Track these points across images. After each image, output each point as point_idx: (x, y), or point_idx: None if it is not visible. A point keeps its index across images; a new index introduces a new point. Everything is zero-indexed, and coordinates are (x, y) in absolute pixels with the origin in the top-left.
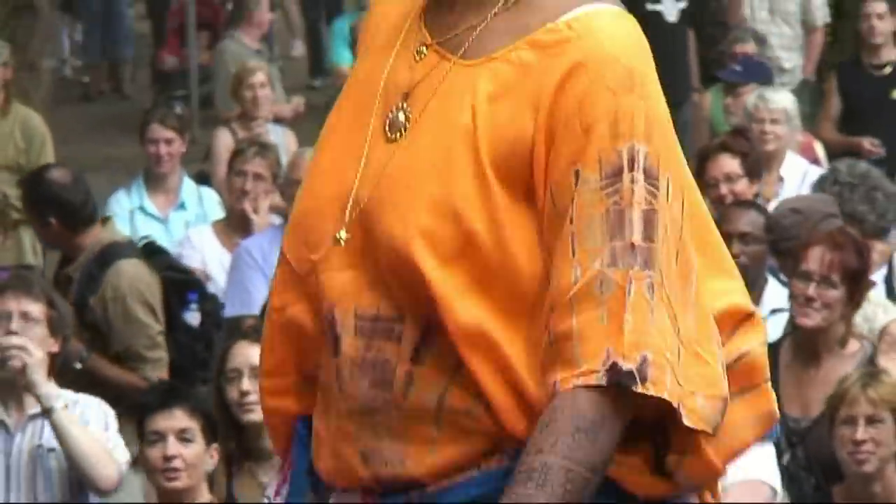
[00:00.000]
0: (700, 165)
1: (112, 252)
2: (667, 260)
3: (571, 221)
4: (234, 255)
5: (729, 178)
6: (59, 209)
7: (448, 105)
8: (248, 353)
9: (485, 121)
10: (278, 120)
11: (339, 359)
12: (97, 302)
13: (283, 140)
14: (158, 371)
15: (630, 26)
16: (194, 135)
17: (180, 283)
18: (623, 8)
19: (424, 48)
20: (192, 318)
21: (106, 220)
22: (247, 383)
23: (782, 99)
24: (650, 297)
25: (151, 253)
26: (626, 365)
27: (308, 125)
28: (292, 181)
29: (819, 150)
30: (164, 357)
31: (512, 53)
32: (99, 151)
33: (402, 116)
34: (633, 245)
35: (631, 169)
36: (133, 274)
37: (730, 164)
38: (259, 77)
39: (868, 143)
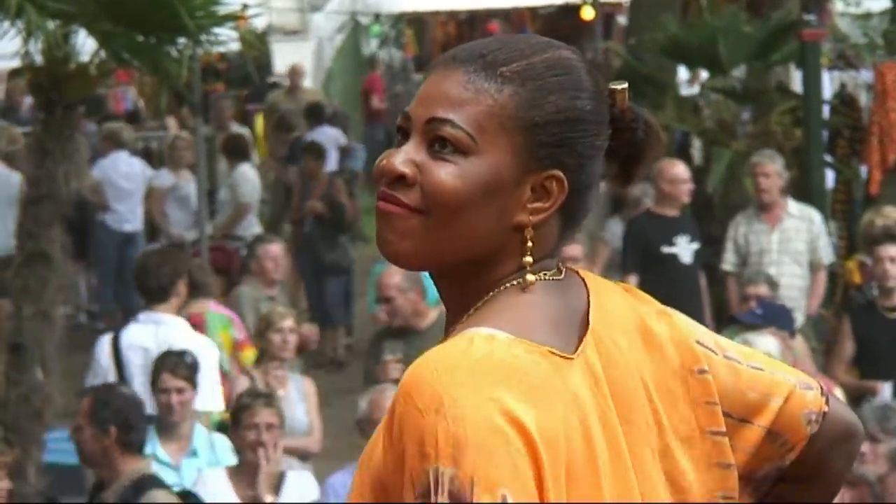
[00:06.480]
0: None
1: (147, 482)
2: None
3: None
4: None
5: None
6: (123, 424)
7: None
8: None
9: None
10: None
11: None
12: None
13: (302, 387)
14: None
15: (482, 351)
16: None
17: None
18: (509, 335)
19: None
20: None
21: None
22: None
23: (765, 344)
24: None
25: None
26: None
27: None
28: None
29: (839, 395)
30: None
31: None
32: None
33: None
34: None
35: (436, 492)
36: None
37: None
38: (288, 322)
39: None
